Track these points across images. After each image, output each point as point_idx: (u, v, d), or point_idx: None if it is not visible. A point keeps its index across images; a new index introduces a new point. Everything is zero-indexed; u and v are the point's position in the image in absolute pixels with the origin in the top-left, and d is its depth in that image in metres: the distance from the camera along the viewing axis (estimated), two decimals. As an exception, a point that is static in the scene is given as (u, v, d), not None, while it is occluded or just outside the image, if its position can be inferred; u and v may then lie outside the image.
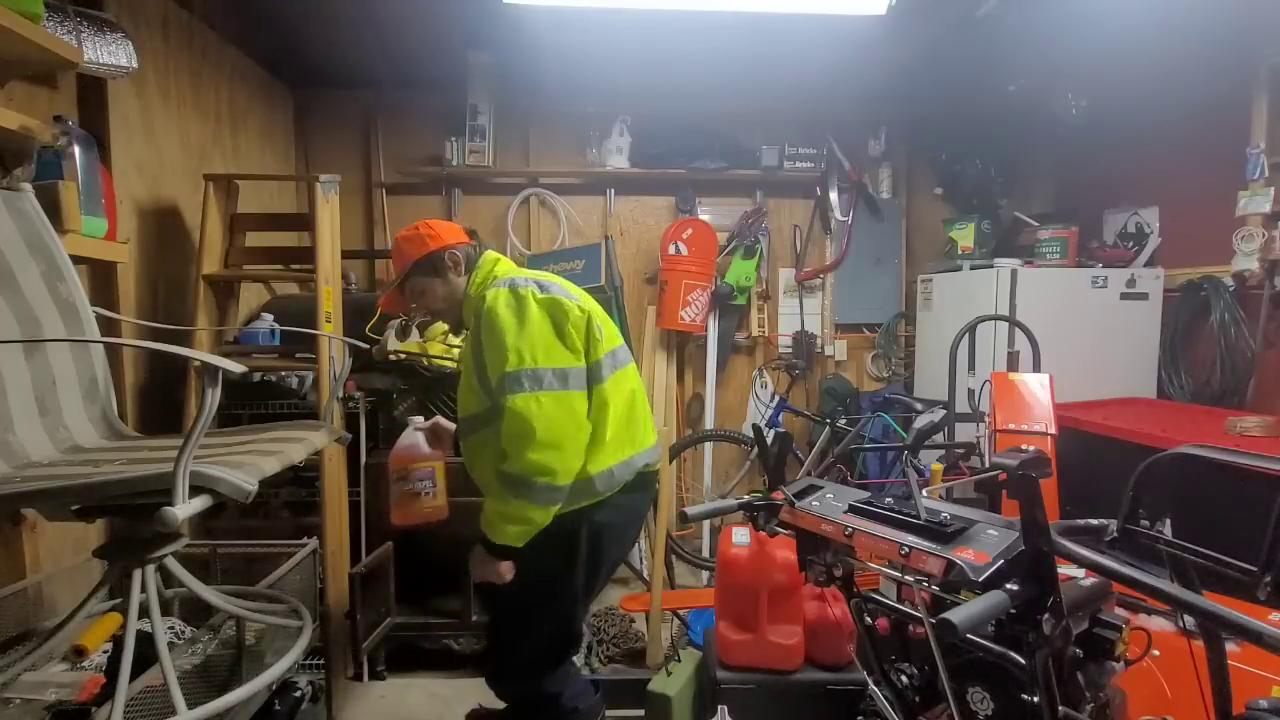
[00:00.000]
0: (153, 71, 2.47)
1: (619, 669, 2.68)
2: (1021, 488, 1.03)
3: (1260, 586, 1.02)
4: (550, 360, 1.57)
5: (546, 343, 1.58)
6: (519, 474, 1.53)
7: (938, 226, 4.07)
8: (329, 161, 3.81)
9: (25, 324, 1.56)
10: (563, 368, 1.58)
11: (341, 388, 2.27)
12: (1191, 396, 3.18)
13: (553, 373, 1.56)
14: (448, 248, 1.75)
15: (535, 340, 1.57)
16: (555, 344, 1.60)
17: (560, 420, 1.55)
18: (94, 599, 1.53)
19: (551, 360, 1.57)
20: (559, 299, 1.64)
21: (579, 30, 3.15)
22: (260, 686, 1.58)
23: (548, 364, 1.57)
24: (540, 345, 1.57)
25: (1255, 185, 2.85)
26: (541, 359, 1.56)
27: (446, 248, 1.75)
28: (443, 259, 1.75)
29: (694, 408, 4.06)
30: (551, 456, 1.53)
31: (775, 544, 1.98)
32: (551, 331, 1.60)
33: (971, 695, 1.15)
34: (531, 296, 1.62)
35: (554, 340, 1.60)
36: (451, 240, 1.77)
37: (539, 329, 1.59)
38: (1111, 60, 3.23)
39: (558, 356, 1.59)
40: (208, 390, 1.20)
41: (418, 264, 1.76)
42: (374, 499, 2.65)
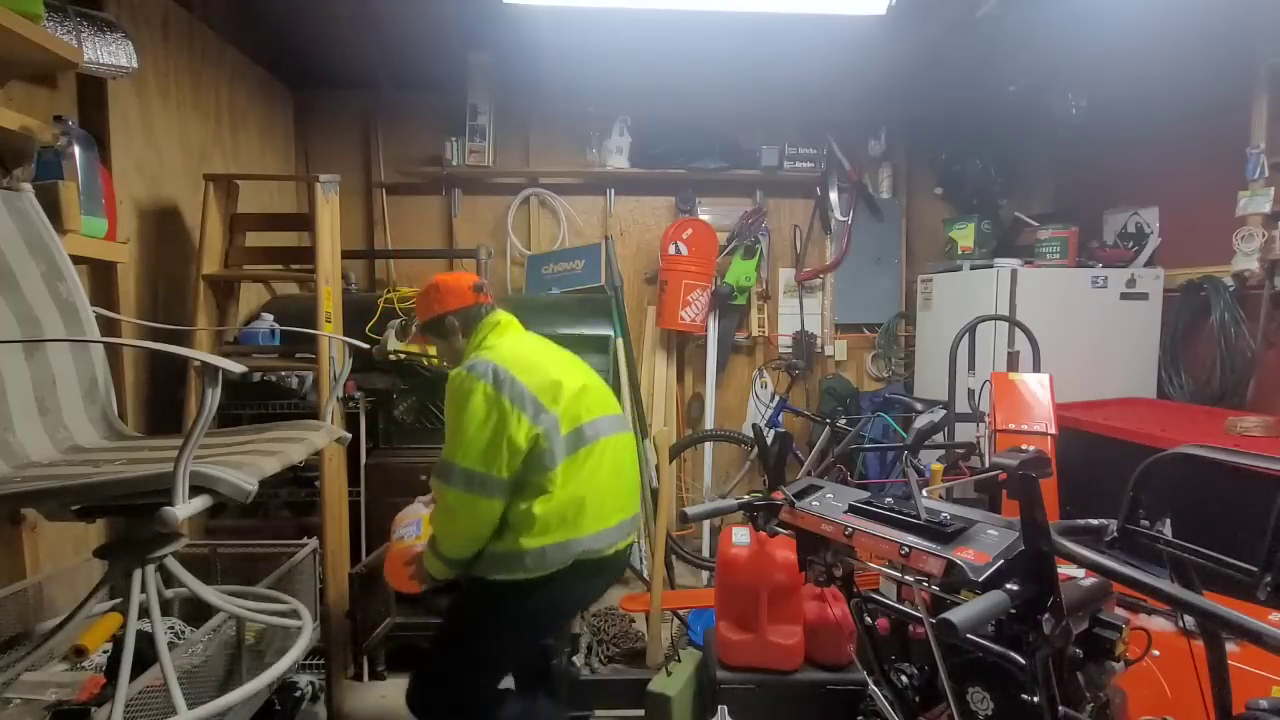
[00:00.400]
0: (153, 71, 2.47)
1: (619, 669, 2.68)
2: (1021, 488, 1.03)
3: (1260, 586, 1.02)
4: (471, 462, 1.64)
5: (475, 444, 1.64)
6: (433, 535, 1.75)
7: (938, 226, 4.07)
8: (329, 161, 3.81)
9: (25, 324, 1.56)
10: (480, 473, 1.64)
11: (341, 388, 2.27)
12: (1191, 396, 3.18)
13: (470, 475, 1.64)
14: (448, 313, 1.86)
15: (467, 438, 1.65)
16: (483, 448, 1.64)
17: (461, 520, 1.67)
18: (94, 599, 1.53)
19: (472, 462, 1.64)
20: (505, 403, 1.64)
21: (579, 30, 3.15)
22: (260, 686, 1.58)
23: (467, 464, 1.64)
24: (467, 445, 1.65)
25: (1255, 185, 2.85)
26: (462, 459, 1.65)
27: (447, 313, 1.86)
28: (443, 323, 1.87)
29: (694, 408, 4.06)
30: (448, 541, 1.70)
31: (775, 544, 1.98)
32: (484, 434, 1.64)
33: (971, 695, 1.15)
34: (481, 391, 1.65)
35: (483, 444, 1.64)
36: (453, 304, 1.86)
37: (473, 427, 1.64)
38: (1111, 60, 3.23)
39: (479, 460, 1.64)
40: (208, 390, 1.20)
41: (424, 326, 1.92)
42: (374, 499, 2.65)
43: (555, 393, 1.70)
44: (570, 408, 1.72)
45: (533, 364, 1.73)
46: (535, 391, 1.67)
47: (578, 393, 1.75)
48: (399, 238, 3.92)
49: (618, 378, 3.31)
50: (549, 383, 1.70)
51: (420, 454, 2.68)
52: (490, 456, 1.63)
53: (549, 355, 1.85)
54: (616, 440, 1.83)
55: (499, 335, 1.84)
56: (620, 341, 3.36)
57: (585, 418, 1.74)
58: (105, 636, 1.75)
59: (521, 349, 1.79)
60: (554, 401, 1.69)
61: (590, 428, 1.74)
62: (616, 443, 1.83)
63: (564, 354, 1.91)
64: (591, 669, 2.64)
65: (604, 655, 2.73)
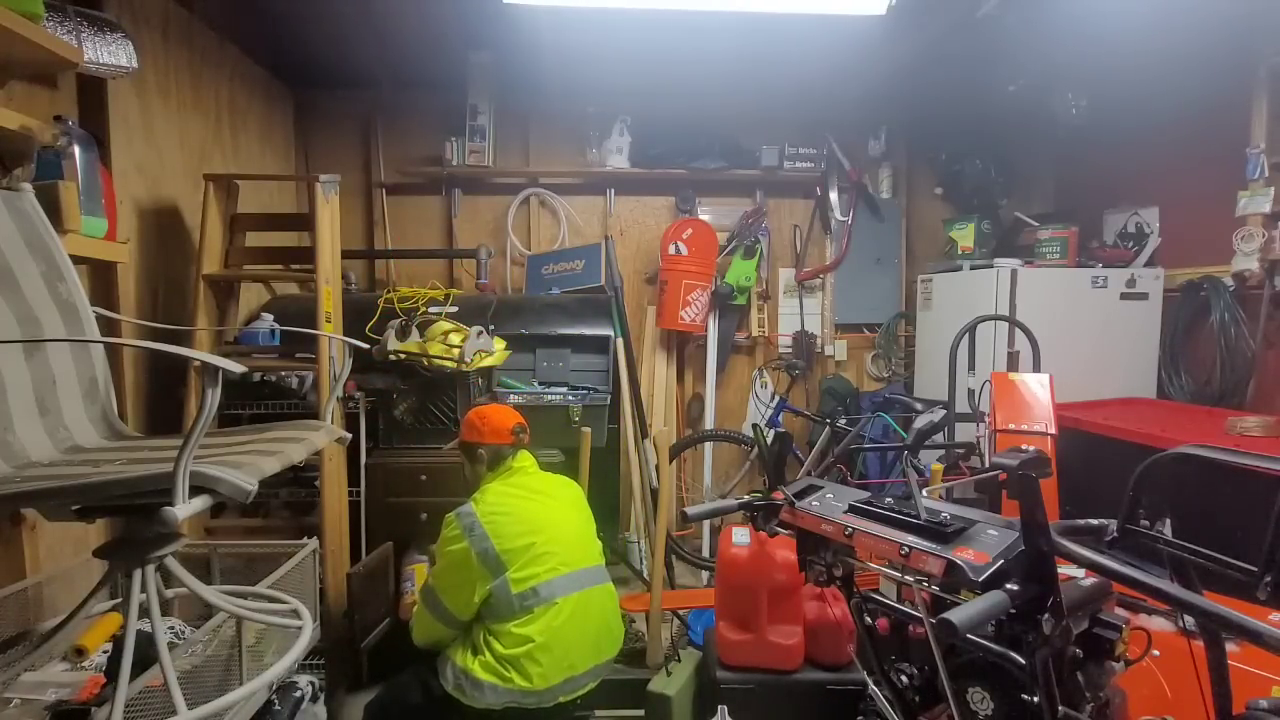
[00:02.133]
0: (153, 71, 2.47)
1: (619, 669, 2.67)
2: (1021, 488, 1.03)
3: (1260, 586, 1.02)
4: (439, 588, 1.90)
5: (445, 576, 1.90)
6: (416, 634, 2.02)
7: (938, 226, 4.07)
8: (329, 161, 3.82)
9: (25, 324, 1.56)
10: (444, 604, 1.89)
11: (341, 388, 2.27)
12: (1191, 396, 3.18)
13: (436, 600, 1.90)
14: (481, 445, 2.07)
15: (440, 569, 1.91)
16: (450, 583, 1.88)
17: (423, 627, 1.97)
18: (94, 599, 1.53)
19: (440, 589, 1.90)
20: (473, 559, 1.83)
21: (579, 30, 3.15)
22: (260, 686, 1.58)
23: (437, 588, 1.91)
24: (440, 574, 1.91)
25: (1255, 185, 2.85)
26: (436, 582, 1.92)
27: (482, 444, 2.07)
28: (476, 451, 2.08)
29: (694, 408, 4.06)
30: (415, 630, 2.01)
31: (775, 544, 1.98)
32: (455, 575, 1.87)
33: (971, 695, 1.15)
34: (457, 536, 1.87)
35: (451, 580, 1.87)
36: (490, 439, 2.06)
37: (448, 567, 1.89)
38: (1111, 60, 3.23)
39: (446, 592, 1.88)
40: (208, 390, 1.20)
41: (461, 444, 2.14)
42: (374, 499, 2.65)
43: (516, 551, 1.85)
44: (527, 568, 1.85)
45: (504, 528, 1.88)
46: (499, 550, 1.84)
47: (544, 554, 1.87)
48: (399, 238, 3.92)
49: (618, 378, 3.32)
50: (511, 548, 1.85)
51: (420, 454, 2.68)
52: (451, 592, 1.87)
53: (533, 504, 1.97)
54: (586, 595, 1.92)
55: (502, 481, 2.02)
56: (620, 341, 3.36)
57: (542, 579, 1.85)
58: (105, 636, 1.75)
59: (507, 501, 1.94)
60: (510, 560, 1.84)
61: (545, 588, 1.85)
62: (583, 599, 1.91)
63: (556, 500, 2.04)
64: (591, 669, 2.63)
65: (604, 655, 2.72)
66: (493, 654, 1.80)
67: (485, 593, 1.83)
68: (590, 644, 1.91)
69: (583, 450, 2.67)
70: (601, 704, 2.32)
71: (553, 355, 3.25)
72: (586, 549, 2.01)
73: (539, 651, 1.80)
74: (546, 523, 1.95)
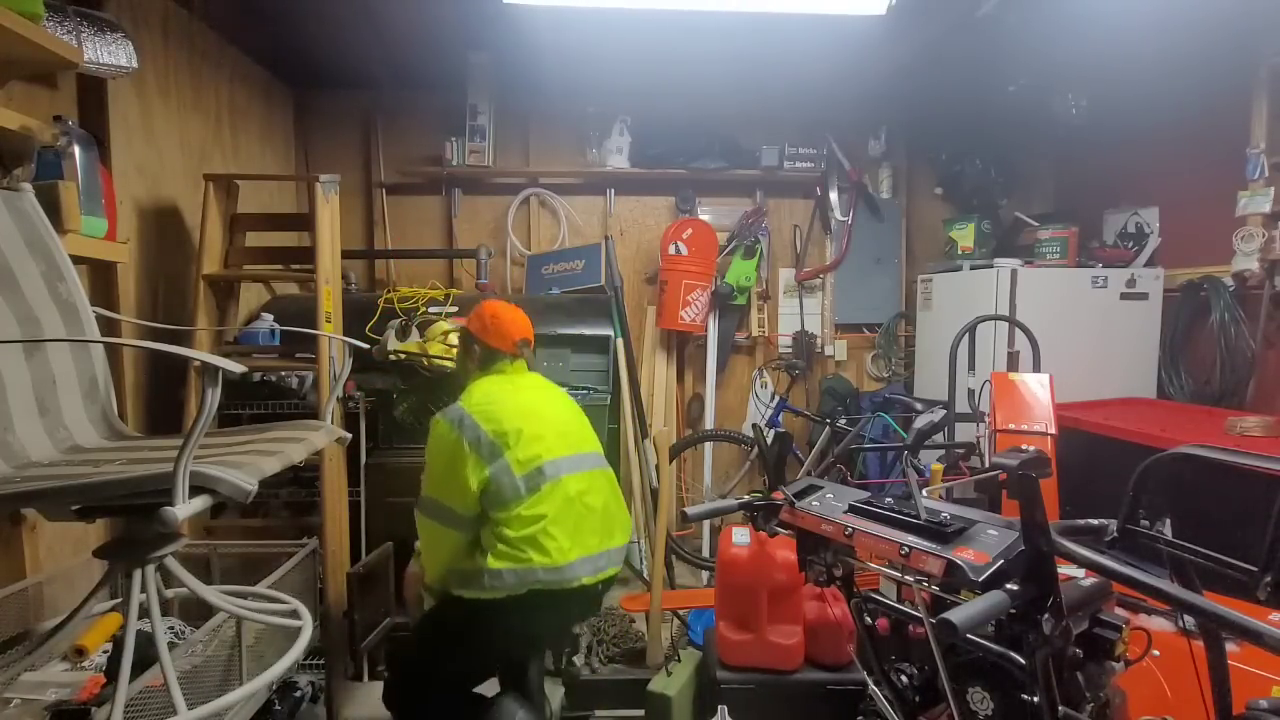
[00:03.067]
0: (153, 71, 2.47)
1: (619, 669, 2.67)
2: (1021, 488, 1.03)
3: (1260, 586, 1.02)
4: (436, 493, 1.83)
5: (436, 477, 1.83)
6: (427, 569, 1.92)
7: (938, 226, 4.07)
8: (329, 161, 3.81)
9: (25, 324, 1.56)
10: (446, 506, 1.81)
11: (341, 388, 2.27)
12: (1191, 396, 3.18)
13: (436, 505, 1.82)
14: (479, 341, 1.99)
15: (431, 472, 1.85)
16: (445, 481, 1.80)
17: (429, 545, 1.87)
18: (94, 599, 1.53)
19: (438, 493, 1.82)
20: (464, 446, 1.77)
21: (579, 30, 3.15)
22: (260, 686, 1.58)
23: (434, 495, 1.83)
24: (431, 477, 1.84)
25: (1255, 185, 2.85)
26: (432, 490, 1.84)
27: (479, 341, 1.99)
28: (473, 344, 2.00)
29: (694, 408, 4.06)
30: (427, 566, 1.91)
31: (775, 544, 1.98)
32: (443, 470, 1.80)
33: (971, 695, 1.15)
34: (445, 432, 1.80)
35: (441, 478, 1.81)
36: (491, 341, 1.98)
37: (436, 463, 1.83)
38: (1111, 60, 3.23)
39: (443, 492, 1.81)
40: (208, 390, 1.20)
41: (461, 331, 2.06)
42: (374, 499, 2.65)
43: (509, 435, 1.80)
44: (527, 449, 1.80)
45: (496, 406, 1.84)
46: (491, 435, 1.79)
47: (540, 434, 1.84)
48: (399, 238, 3.92)
49: (618, 378, 3.31)
50: (505, 425, 1.81)
51: (420, 454, 2.65)
52: (448, 490, 1.79)
53: (523, 396, 1.93)
54: (590, 476, 1.90)
55: (492, 378, 1.96)
56: (620, 341, 3.36)
57: (546, 457, 1.82)
58: (105, 636, 1.75)
59: (496, 391, 1.89)
60: (506, 446, 1.78)
61: (551, 466, 1.82)
62: (590, 478, 1.90)
63: (547, 395, 2.01)
64: (591, 669, 2.63)
65: (604, 655, 2.72)
66: (505, 543, 1.74)
67: (484, 479, 1.76)
68: (600, 525, 1.87)
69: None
70: (602, 704, 2.33)
71: (553, 355, 3.25)
72: (584, 435, 1.98)
73: (552, 525, 1.76)
74: (538, 410, 1.90)
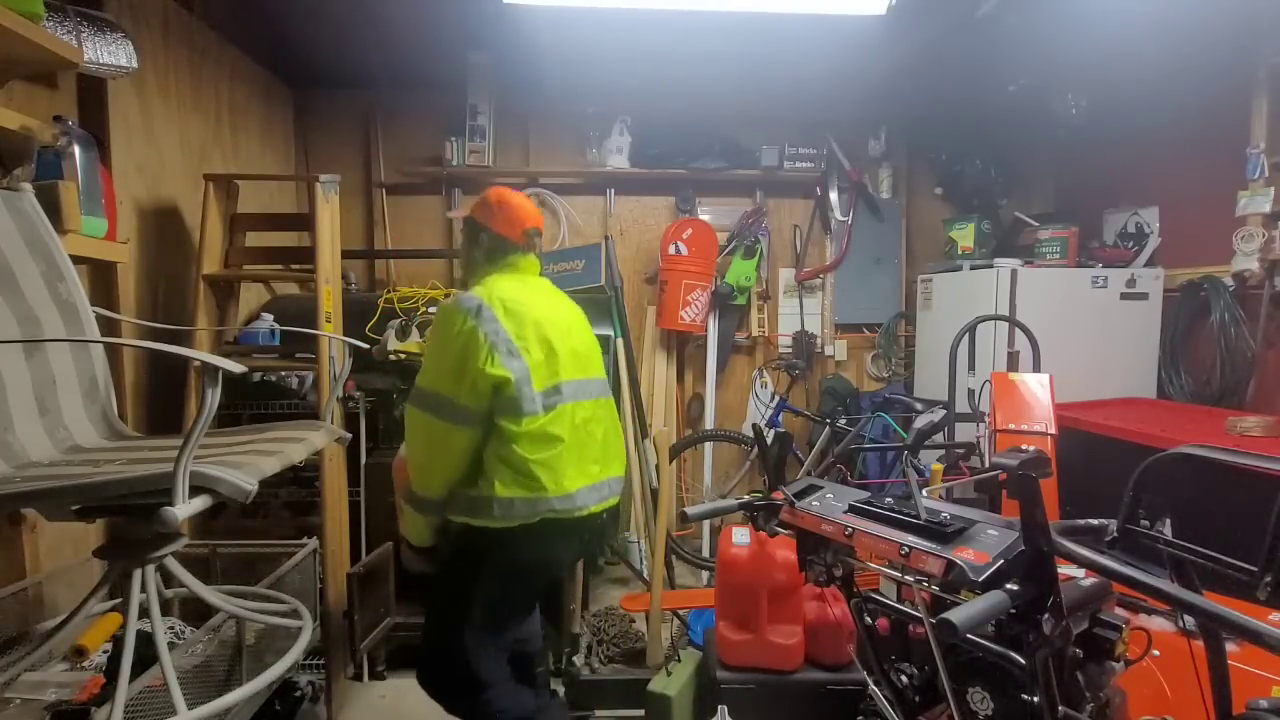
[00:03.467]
0: (153, 71, 2.47)
1: (619, 669, 2.67)
2: (1021, 488, 1.03)
3: (1260, 586, 1.02)
4: (437, 385, 1.65)
5: (444, 369, 1.65)
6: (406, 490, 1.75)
7: (938, 226, 4.07)
8: (329, 161, 3.81)
9: (25, 324, 1.56)
10: (450, 399, 1.63)
11: (341, 388, 2.27)
12: (1191, 396, 3.18)
13: (436, 398, 1.64)
14: (486, 229, 1.84)
15: (438, 363, 1.66)
16: (454, 373, 1.63)
17: (427, 448, 1.67)
18: (94, 599, 1.53)
19: (438, 385, 1.64)
20: (480, 336, 1.62)
21: (579, 30, 3.15)
22: (260, 686, 1.58)
23: (434, 387, 1.65)
24: (437, 370, 1.66)
25: (1255, 185, 2.85)
26: (430, 382, 1.65)
27: (486, 229, 1.84)
28: (479, 234, 1.85)
29: (694, 408, 4.06)
30: (419, 475, 1.70)
31: (775, 544, 1.98)
32: (453, 360, 1.63)
33: (971, 695, 1.15)
34: (460, 320, 1.65)
35: (451, 369, 1.64)
36: (499, 229, 1.83)
37: (446, 353, 1.65)
38: (1111, 60, 3.23)
39: (445, 384, 1.64)
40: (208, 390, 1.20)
41: (467, 220, 1.89)
42: (374, 499, 2.65)
43: (531, 344, 1.67)
44: (547, 363, 1.69)
45: (519, 313, 1.69)
46: (512, 336, 1.65)
47: (557, 351, 1.72)
48: (399, 238, 3.92)
49: (618, 378, 3.31)
50: (528, 333, 1.68)
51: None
52: (456, 381, 1.62)
53: (543, 308, 1.78)
54: (595, 404, 1.83)
55: (507, 277, 1.80)
56: (620, 341, 3.36)
57: (563, 376, 1.72)
58: (105, 636, 1.75)
59: (517, 294, 1.74)
60: (527, 351, 1.66)
61: (567, 387, 1.72)
62: (595, 406, 1.82)
63: (562, 309, 1.87)
64: (591, 669, 2.63)
65: (604, 655, 2.72)
66: (513, 468, 1.63)
67: (503, 378, 1.61)
68: (601, 454, 1.82)
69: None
70: (602, 704, 2.33)
71: (553, 355, 3.24)
72: (593, 359, 1.89)
73: (568, 451, 1.69)
74: (557, 324, 1.78)
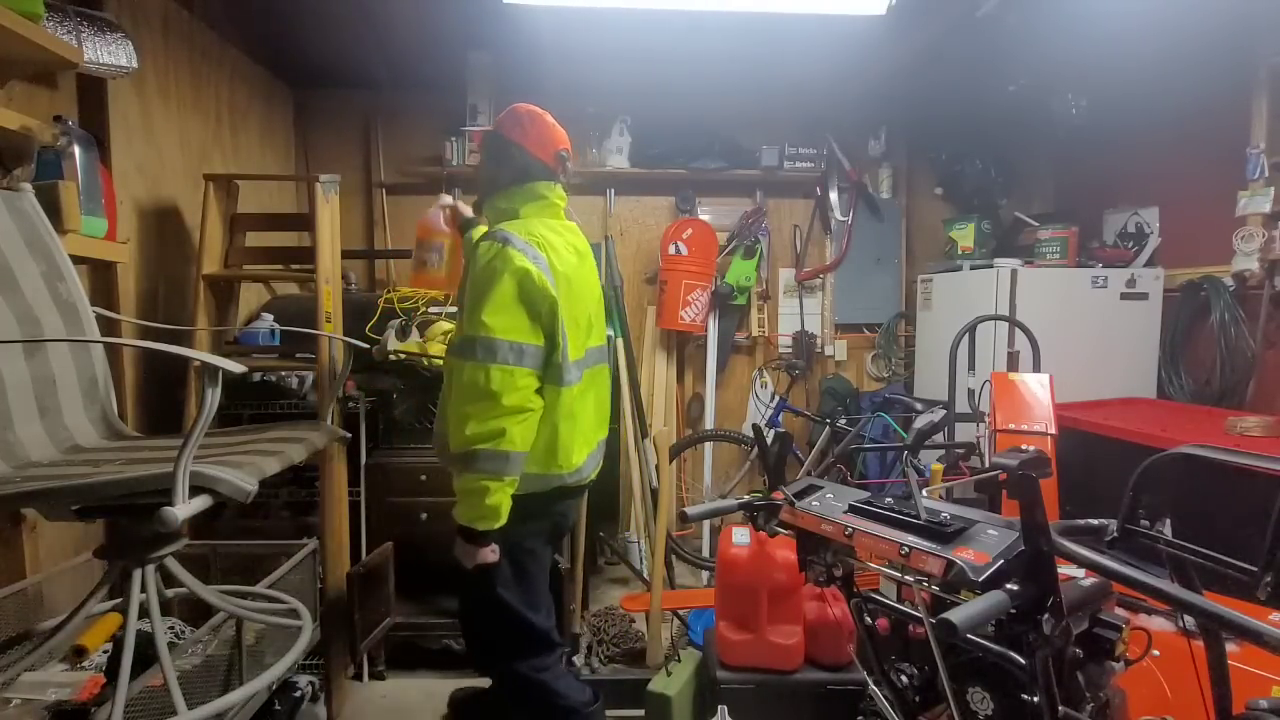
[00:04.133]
0: (153, 71, 2.47)
1: (619, 669, 2.68)
2: (1021, 488, 1.03)
3: (1260, 586, 1.02)
4: (508, 333, 1.54)
5: (505, 305, 1.54)
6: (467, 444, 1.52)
7: (938, 226, 4.07)
8: (329, 161, 3.81)
9: (25, 324, 1.56)
10: (519, 343, 1.54)
11: (341, 388, 2.27)
12: (1191, 396, 3.18)
13: (509, 346, 1.53)
14: (518, 147, 1.72)
15: (496, 302, 1.54)
16: (519, 317, 1.55)
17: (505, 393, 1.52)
18: (94, 599, 1.53)
19: (509, 333, 1.54)
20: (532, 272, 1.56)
21: (579, 30, 3.15)
22: (260, 686, 1.58)
23: (504, 336, 1.53)
24: (497, 307, 1.54)
25: (1255, 185, 2.85)
26: (494, 326, 1.53)
27: (517, 146, 1.72)
28: (508, 151, 1.73)
29: (694, 408, 4.06)
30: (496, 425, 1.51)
31: (775, 544, 1.98)
32: (518, 302, 1.55)
33: (971, 695, 1.15)
34: (514, 255, 1.56)
35: (519, 313, 1.55)
36: (531, 148, 1.73)
37: (505, 290, 1.54)
38: (1111, 60, 3.23)
39: (517, 330, 1.55)
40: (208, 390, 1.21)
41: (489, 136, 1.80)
42: (374, 499, 2.65)
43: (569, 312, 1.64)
44: (577, 333, 1.67)
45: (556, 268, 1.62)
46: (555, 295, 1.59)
47: (582, 320, 1.71)
48: (399, 238, 3.92)
49: (617, 378, 3.31)
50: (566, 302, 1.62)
51: (420, 454, 2.68)
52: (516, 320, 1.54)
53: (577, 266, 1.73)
54: (600, 371, 1.84)
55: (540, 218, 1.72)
56: (620, 341, 3.36)
57: (584, 348, 1.72)
58: (105, 636, 1.74)
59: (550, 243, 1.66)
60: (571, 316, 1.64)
61: (588, 357, 1.74)
62: (601, 373, 1.85)
63: (587, 265, 1.82)
64: (591, 669, 2.64)
65: (604, 655, 2.73)
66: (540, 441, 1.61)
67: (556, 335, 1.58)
68: (601, 419, 1.85)
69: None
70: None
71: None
72: (602, 326, 1.88)
73: (572, 435, 1.68)
74: (589, 282, 1.78)
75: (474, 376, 1.52)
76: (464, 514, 1.58)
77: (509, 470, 1.54)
